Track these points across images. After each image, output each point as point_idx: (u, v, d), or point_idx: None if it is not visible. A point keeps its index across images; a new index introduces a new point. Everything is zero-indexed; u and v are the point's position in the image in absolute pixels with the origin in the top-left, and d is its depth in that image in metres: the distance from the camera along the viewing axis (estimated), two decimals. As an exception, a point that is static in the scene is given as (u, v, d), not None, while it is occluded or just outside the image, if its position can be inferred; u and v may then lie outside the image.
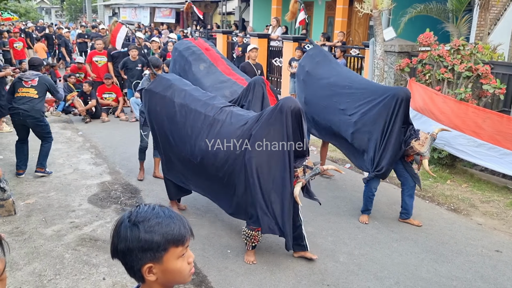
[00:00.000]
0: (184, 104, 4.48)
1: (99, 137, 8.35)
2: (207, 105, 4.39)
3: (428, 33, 6.85)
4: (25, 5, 35.40)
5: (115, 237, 1.33)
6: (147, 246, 1.29)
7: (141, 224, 1.30)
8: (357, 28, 14.33)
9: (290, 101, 3.85)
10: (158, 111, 4.66)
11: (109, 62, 10.41)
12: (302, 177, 3.88)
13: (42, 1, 48.79)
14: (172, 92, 4.59)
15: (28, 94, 5.99)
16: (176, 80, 4.79)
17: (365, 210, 5.17)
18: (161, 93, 4.64)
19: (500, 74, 6.59)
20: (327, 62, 5.97)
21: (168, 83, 4.69)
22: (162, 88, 4.66)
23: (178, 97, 4.54)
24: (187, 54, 5.88)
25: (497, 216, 5.38)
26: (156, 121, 4.73)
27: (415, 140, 4.69)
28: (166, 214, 1.35)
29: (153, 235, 1.29)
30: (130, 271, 1.35)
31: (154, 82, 4.78)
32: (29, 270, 3.90)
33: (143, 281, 1.35)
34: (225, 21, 18.10)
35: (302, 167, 3.90)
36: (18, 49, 13.79)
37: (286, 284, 3.87)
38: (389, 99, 4.73)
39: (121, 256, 1.32)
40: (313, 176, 3.92)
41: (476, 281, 4.00)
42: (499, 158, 5.69)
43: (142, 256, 1.29)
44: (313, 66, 5.96)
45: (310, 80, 5.91)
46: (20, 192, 5.60)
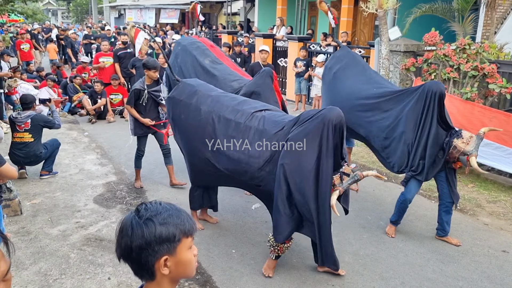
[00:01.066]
0: (211, 111, 4.18)
1: (104, 137, 8.38)
2: (236, 111, 4.10)
3: (433, 32, 6.82)
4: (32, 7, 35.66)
5: (127, 236, 1.34)
6: (164, 238, 1.33)
7: (154, 218, 1.35)
8: (362, 28, 14.30)
9: (334, 113, 3.54)
10: (183, 119, 4.39)
11: (116, 63, 10.45)
12: (339, 185, 3.59)
13: (49, 2, 49.11)
14: (197, 99, 4.31)
15: (23, 139, 5.90)
16: (200, 85, 4.52)
17: (395, 221, 4.76)
18: (186, 101, 4.36)
19: (507, 73, 6.55)
20: (355, 64, 5.64)
21: (192, 89, 4.41)
22: (186, 95, 4.39)
23: (204, 104, 4.24)
24: (192, 49, 5.86)
25: (504, 216, 5.34)
26: (182, 130, 4.46)
27: (458, 138, 4.31)
28: (173, 207, 1.42)
29: (168, 227, 1.35)
30: (143, 268, 1.36)
31: (178, 89, 4.51)
32: (35, 270, 3.92)
33: (153, 278, 1.37)
34: (230, 22, 18.12)
35: (339, 174, 3.62)
36: (25, 50, 13.88)
37: (291, 284, 3.86)
38: (421, 93, 4.40)
39: (135, 254, 1.33)
40: (351, 183, 3.62)
41: (483, 281, 3.97)
42: (506, 158, 5.66)
43: (159, 248, 1.33)
44: (340, 68, 5.66)
45: (336, 82, 5.60)
46: (26, 192, 5.64)
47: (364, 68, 5.61)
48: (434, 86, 4.35)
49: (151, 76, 5.57)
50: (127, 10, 28.57)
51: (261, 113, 4.05)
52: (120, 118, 9.96)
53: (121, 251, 1.36)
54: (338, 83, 5.54)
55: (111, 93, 10.03)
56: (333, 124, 3.50)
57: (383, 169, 5.87)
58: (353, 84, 5.32)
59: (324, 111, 3.61)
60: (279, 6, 15.21)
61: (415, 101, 4.45)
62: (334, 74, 5.66)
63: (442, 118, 4.36)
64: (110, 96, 10.00)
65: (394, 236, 4.73)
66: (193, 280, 3.87)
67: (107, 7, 32.16)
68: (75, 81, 10.43)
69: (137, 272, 1.38)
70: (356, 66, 5.57)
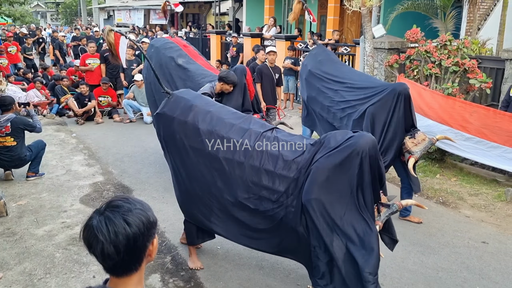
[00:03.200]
0: (212, 131, 3.52)
1: (92, 138, 8.39)
2: (242, 130, 3.48)
3: (415, 29, 6.92)
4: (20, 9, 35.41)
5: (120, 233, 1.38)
6: (152, 220, 1.46)
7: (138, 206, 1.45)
8: (349, 26, 14.39)
9: (367, 141, 3.00)
10: (178, 139, 3.66)
11: (102, 64, 10.45)
12: (378, 219, 3.11)
13: (38, 5, 48.79)
14: (194, 115, 3.60)
15: (6, 143, 5.85)
16: (196, 98, 3.80)
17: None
18: (179, 118, 3.63)
19: (488, 68, 6.66)
20: (329, 61, 5.94)
21: (187, 103, 3.68)
22: (180, 111, 3.65)
23: (203, 122, 3.56)
24: (165, 50, 5.89)
25: (485, 208, 5.44)
26: (177, 153, 3.74)
27: (410, 138, 4.66)
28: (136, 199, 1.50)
29: (149, 212, 1.47)
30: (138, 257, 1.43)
31: (169, 104, 3.74)
32: (20, 270, 3.94)
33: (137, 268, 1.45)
34: (219, 22, 18.14)
35: (376, 205, 3.14)
36: (12, 53, 13.83)
37: (275, 278, 3.92)
38: (387, 94, 4.73)
39: (132, 243, 1.38)
40: (390, 215, 3.19)
41: (462, 271, 4.06)
42: (487, 151, 5.76)
43: (153, 231, 1.46)
44: (316, 65, 5.93)
45: (312, 78, 5.87)
46: (12, 193, 5.65)
47: (338, 64, 5.93)
48: (400, 88, 4.69)
49: (225, 89, 5.09)
50: (116, 12, 28.50)
51: (272, 132, 3.49)
52: (109, 119, 9.96)
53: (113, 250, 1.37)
54: (314, 79, 5.84)
55: (99, 95, 10.03)
56: (369, 155, 2.97)
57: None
58: (327, 80, 5.64)
59: (355, 138, 3.04)
60: (267, 6, 15.28)
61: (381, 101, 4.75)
62: (309, 71, 5.93)
63: (406, 119, 4.68)
64: (98, 98, 9.99)
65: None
66: (178, 277, 3.92)
67: (96, 8, 32.04)
68: (63, 83, 10.41)
69: (125, 266, 1.42)
70: (331, 63, 5.88)
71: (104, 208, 1.43)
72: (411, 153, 4.60)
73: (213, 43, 15.42)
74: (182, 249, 4.36)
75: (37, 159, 6.20)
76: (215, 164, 3.50)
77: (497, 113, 5.74)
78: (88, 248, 1.40)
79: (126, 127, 9.36)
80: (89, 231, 1.39)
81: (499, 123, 5.61)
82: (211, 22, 20.35)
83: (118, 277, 1.44)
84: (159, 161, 6.78)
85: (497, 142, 5.68)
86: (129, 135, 8.61)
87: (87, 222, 1.41)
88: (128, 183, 6.13)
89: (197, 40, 17.51)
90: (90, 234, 1.39)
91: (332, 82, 5.56)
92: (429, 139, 4.65)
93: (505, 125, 5.55)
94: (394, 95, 4.65)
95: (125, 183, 6.11)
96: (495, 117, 5.66)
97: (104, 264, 1.42)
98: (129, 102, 9.83)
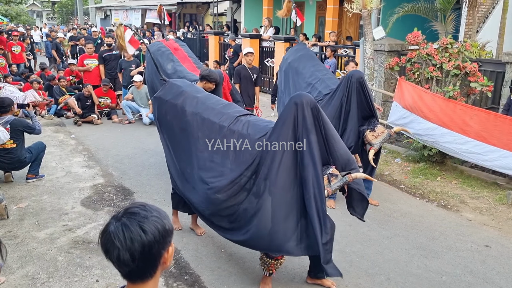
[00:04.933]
0: (196, 112, 4.08)
1: (91, 139, 8.35)
2: (221, 114, 3.99)
3: (416, 32, 6.93)
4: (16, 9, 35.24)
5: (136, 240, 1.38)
6: (168, 228, 1.46)
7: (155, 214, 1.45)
8: (348, 27, 14.42)
9: (303, 95, 3.47)
10: (169, 120, 4.32)
11: (101, 65, 10.40)
12: (328, 186, 3.38)
13: (33, 4, 48.52)
14: (183, 99, 4.21)
15: (5, 146, 5.77)
16: (187, 86, 4.44)
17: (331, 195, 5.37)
18: (171, 101, 4.28)
19: (488, 71, 6.69)
20: (308, 57, 6.47)
21: (178, 89, 4.33)
22: (172, 96, 4.30)
23: (190, 106, 4.15)
24: (157, 55, 6.07)
25: (486, 211, 5.46)
26: (167, 131, 4.41)
27: (370, 131, 5.00)
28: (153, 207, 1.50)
29: (166, 220, 1.47)
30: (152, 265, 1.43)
31: (164, 89, 4.44)
32: (22, 274, 3.91)
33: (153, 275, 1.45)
34: (217, 22, 18.13)
35: (326, 175, 3.41)
36: (16, 52, 13.75)
37: (279, 282, 3.91)
38: (344, 82, 5.16)
39: (147, 251, 1.39)
40: (340, 186, 3.45)
41: (466, 276, 4.07)
42: (484, 155, 5.77)
43: (168, 239, 1.46)
44: (295, 59, 6.44)
45: (290, 71, 6.37)
46: (12, 196, 5.61)
47: (315, 62, 6.45)
48: (356, 74, 5.12)
49: (208, 87, 5.15)
50: (113, 11, 28.41)
51: (246, 117, 3.93)
52: (108, 120, 9.92)
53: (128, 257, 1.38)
54: (291, 71, 6.36)
55: (99, 96, 9.98)
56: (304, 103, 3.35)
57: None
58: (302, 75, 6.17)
59: (293, 96, 3.52)
60: (265, 7, 15.28)
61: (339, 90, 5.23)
62: (289, 63, 6.48)
63: (362, 104, 5.05)
64: (98, 99, 9.94)
65: (334, 207, 5.33)
66: (182, 281, 3.90)
67: (92, 8, 31.92)
68: (60, 83, 10.35)
69: (140, 273, 1.43)
70: (308, 59, 6.40)
71: (121, 214, 1.44)
72: (371, 145, 4.98)
73: (211, 44, 15.41)
74: (186, 252, 4.35)
75: (37, 161, 6.16)
76: (195, 142, 4.02)
77: (498, 116, 5.76)
78: (105, 254, 1.41)
79: (125, 128, 9.32)
80: (106, 236, 1.41)
81: (500, 126, 5.63)
82: (209, 23, 20.33)
83: (134, 283, 1.45)
84: (160, 162, 6.76)
85: (497, 145, 5.69)
86: (128, 137, 8.58)
87: (105, 228, 1.43)
88: (129, 185, 6.09)
89: (195, 40, 17.49)
90: (107, 240, 1.40)
91: (307, 75, 6.09)
92: (387, 131, 5.02)
93: (506, 128, 5.57)
94: (349, 79, 5.08)
95: (126, 185, 6.08)
96: (496, 121, 5.67)
97: (120, 270, 1.43)
98: (128, 103, 9.79)
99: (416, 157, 6.98)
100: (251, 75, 7.71)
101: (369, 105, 5.06)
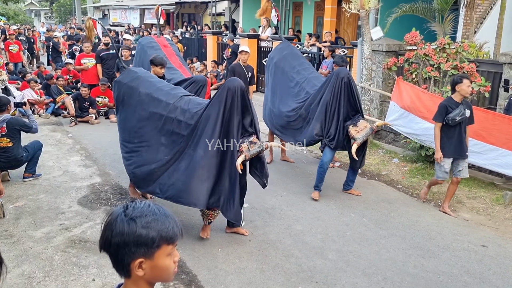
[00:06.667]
0: (148, 93, 4.83)
1: (89, 139, 8.33)
2: (168, 94, 4.76)
3: (414, 32, 6.94)
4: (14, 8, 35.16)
5: (109, 230, 1.35)
6: (142, 241, 1.32)
7: (138, 219, 1.34)
8: (346, 28, 14.44)
9: (233, 80, 4.33)
10: (125, 99, 5.04)
11: (98, 64, 10.38)
12: (247, 152, 4.20)
13: (31, 3, 48.40)
14: (138, 83, 4.97)
15: (2, 144, 5.76)
16: (142, 72, 5.20)
17: (316, 186, 5.63)
18: (128, 84, 5.03)
19: (486, 72, 6.69)
20: (293, 55, 6.65)
21: (135, 75, 5.10)
22: (129, 79, 5.05)
23: (143, 87, 4.90)
24: (147, 48, 6.53)
25: (483, 211, 5.46)
26: (124, 109, 5.07)
27: (352, 126, 5.26)
28: (161, 212, 1.40)
29: (150, 231, 1.33)
30: (119, 265, 1.37)
31: (123, 74, 5.25)
32: (18, 273, 3.89)
33: (129, 276, 1.38)
34: (215, 22, 18.11)
35: (247, 142, 4.24)
36: (14, 52, 13.72)
37: (275, 281, 3.90)
38: (332, 79, 5.34)
39: (113, 249, 1.34)
40: (258, 152, 4.25)
41: (462, 275, 4.07)
42: (483, 154, 5.78)
43: (136, 250, 1.32)
44: (280, 58, 6.64)
45: (276, 71, 6.59)
46: (9, 195, 5.58)
47: (300, 61, 6.60)
48: (343, 71, 5.35)
49: (157, 72, 5.68)
50: (111, 11, 28.37)
51: (189, 97, 4.73)
52: (105, 119, 9.90)
53: (102, 243, 1.37)
54: (277, 71, 6.58)
55: (97, 95, 9.96)
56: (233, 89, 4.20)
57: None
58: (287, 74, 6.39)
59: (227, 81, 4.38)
60: (264, 7, 15.24)
61: (328, 86, 5.38)
62: (275, 63, 6.68)
63: (350, 101, 5.29)
64: (96, 98, 9.92)
65: (318, 199, 5.54)
66: (178, 280, 3.89)
67: (91, 7, 31.86)
68: (58, 83, 10.32)
69: (114, 266, 1.39)
70: (294, 59, 6.57)
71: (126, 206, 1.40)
72: (354, 139, 5.25)
73: (209, 44, 15.40)
74: (182, 251, 4.34)
75: (33, 159, 6.14)
76: (145, 116, 4.78)
77: (496, 115, 5.77)
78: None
79: (122, 127, 9.30)
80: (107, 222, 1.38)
81: (498, 125, 5.64)
82: (207, 23, 20.32)
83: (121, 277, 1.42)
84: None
85: (495, 144, 5.70)
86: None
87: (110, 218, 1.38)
88: (126, 184, 6.04)
89: (193, 40, 17.48)
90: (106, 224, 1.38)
91: (294, 74, 6.30)
92: (370, 126, 5.29)
93: (504, 127, 5.58)
94: (336, 76, 5.30)
95: (123, 185, 6.06)
96: (494, 120, 5.69)
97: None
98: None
99: (414, 157, 6.99)
100: (245, 73, 7.69)
101: (355, 101, 5.33)
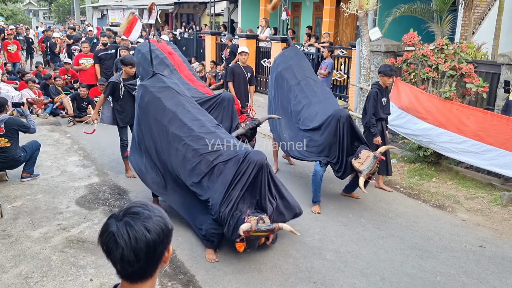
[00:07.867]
0: (173, 111, 4.54)
1: (87, 139, 8.30)
2: (193, 118, 4.56)
3: (412, 33, 6.95)
4: (12, 7, 35.10)
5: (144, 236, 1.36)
6: (170, 227, 1.44)
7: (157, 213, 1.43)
8: (344, 28, 14.44)
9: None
10: (148, 109, 4.70)
11: (96, 64, 10.36)
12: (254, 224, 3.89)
13: (30, 3, 48.31)
14: (166, 95, 4.64)
15: (0, 145, 5.77)
16: (172, 84, 4.85)
17: (315, 200, 5.46)
18: (154, 93, 4.69)
19: (484, 72, 6.70)
20: (299, 67, 6.26)
21: (164, 84, 4.77)
22: (157, 88, 4.71)
23: (170, 102, 4.60)
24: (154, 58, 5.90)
25: (481, 212, 5.47)
26: (144, 118, 4.75)
27: (355, 159, 5.07)
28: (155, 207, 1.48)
29: (167, 219, 1.45)
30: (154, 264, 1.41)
31: (151, 80, 4.82)
32: (16, 273, 3.89)
33: (153, 274, 1.43)
34: (213, 22, 18.10)
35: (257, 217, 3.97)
36: (12, 51, 13.69)
37: (273, 282, 3.90)
38: (333, 123, 5.15)
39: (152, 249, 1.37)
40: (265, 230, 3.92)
41: (460, 276, 4.07)
42: (481, 154, 5.80)
43: (170, 239, 1.44)
44: (286, 68, 6.29)
45: (280, 81, 6.27)
46: (6, 195, 5.58)
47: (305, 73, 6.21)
48: (343, 113, 5.14)
49: (127, 71, 5.90)
50: (110, 11, 28.32)
51: (214, 128, 4.53)
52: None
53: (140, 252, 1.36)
54: (281, 82, 6.24)
55: (95, 95, 9.94)
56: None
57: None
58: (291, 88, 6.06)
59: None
60: (262, 7, 15.27)
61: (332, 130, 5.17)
62: (279, 72, 6.32)
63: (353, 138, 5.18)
64: (94, 98, 9.90)
65: (321, 212, 5.33)
66: (176, 280, 3.89)
67: (89, 7, 31.82)
68: (56, 82, 10.31)
69: (142, 272, 1.40)
70: (299, 70, 6.19)
71: (122, 214, 1.40)
72: (360, 172, 5.01)
73: (208, 44, 15.40)
74: (180, 252, 4.34)
75: (32, 159, 6.13)
76: (164, 134, 4.55)
77: (495, 116, 5.78)
78: (106, 254, 1.37)
79: (121, 127, 9.28)
80: (108, 236, 1.36)
81: (496, 126, 5.65)
82: (206, 23, 20.32)
83: (133, 283, 1.42)
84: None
85: (493, 145, 5.72)
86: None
87: (105, 228, 1.38)
88: (124, 184, 6.07)
89: (191, 40, 17.47)
90: (109, 239, 1.36)
91: (298, 92, 5.95)
92: (373, 154, 5.02)
93: (503, 128, 5.59)
94: (337, 120, 5.11)
95: (121, 185, 6.06)
96: (492, 120, 5.70)
97: (121, 271, 1.38)
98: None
99: (412, 158, 7.00)
100: (245, 74, 7.69)
101: (358, 136, 5.22)
